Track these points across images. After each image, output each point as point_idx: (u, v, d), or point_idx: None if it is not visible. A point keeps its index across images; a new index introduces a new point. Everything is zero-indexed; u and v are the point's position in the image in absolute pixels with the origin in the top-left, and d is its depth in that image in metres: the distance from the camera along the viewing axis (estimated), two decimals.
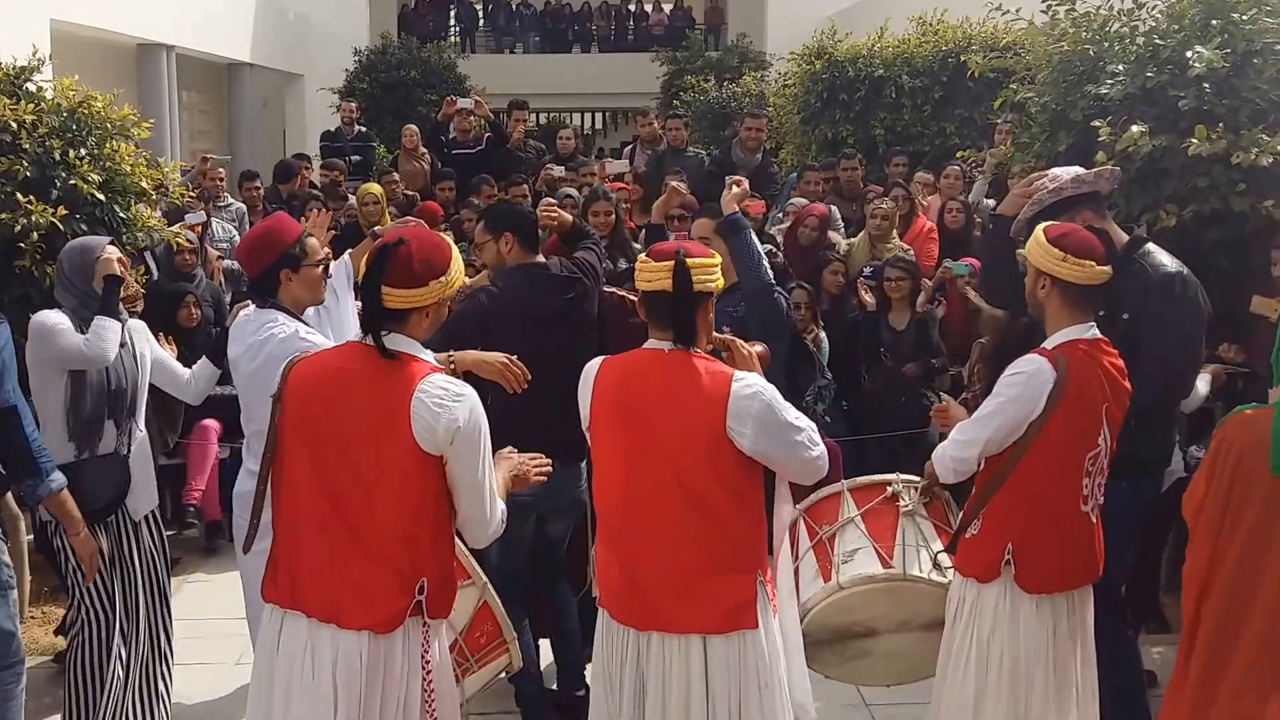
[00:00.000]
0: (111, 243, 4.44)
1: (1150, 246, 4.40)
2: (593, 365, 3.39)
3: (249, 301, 4.29)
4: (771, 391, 3.18)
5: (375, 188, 8.80)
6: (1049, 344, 3.59)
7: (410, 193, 9.63)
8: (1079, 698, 3.61)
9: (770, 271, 4.91)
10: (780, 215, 8.59)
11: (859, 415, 6.97)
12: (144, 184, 5.66)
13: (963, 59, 8.56)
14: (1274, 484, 2.99)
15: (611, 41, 27.82)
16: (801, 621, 3.66)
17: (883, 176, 9.51)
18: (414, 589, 2.96)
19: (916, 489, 3.97)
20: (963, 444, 3.57)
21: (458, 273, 3.08)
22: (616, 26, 28.18)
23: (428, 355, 3.07)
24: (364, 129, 12.59)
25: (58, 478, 3.95)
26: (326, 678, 2.92)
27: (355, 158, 11.84)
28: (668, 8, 28.12)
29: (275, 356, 3.68)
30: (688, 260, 3.21)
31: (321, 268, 4.18)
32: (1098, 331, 3.63)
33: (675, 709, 3.13)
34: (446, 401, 2.90)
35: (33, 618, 5.81)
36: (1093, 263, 3.53)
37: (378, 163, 12.28)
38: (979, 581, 3.55)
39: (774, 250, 7.06)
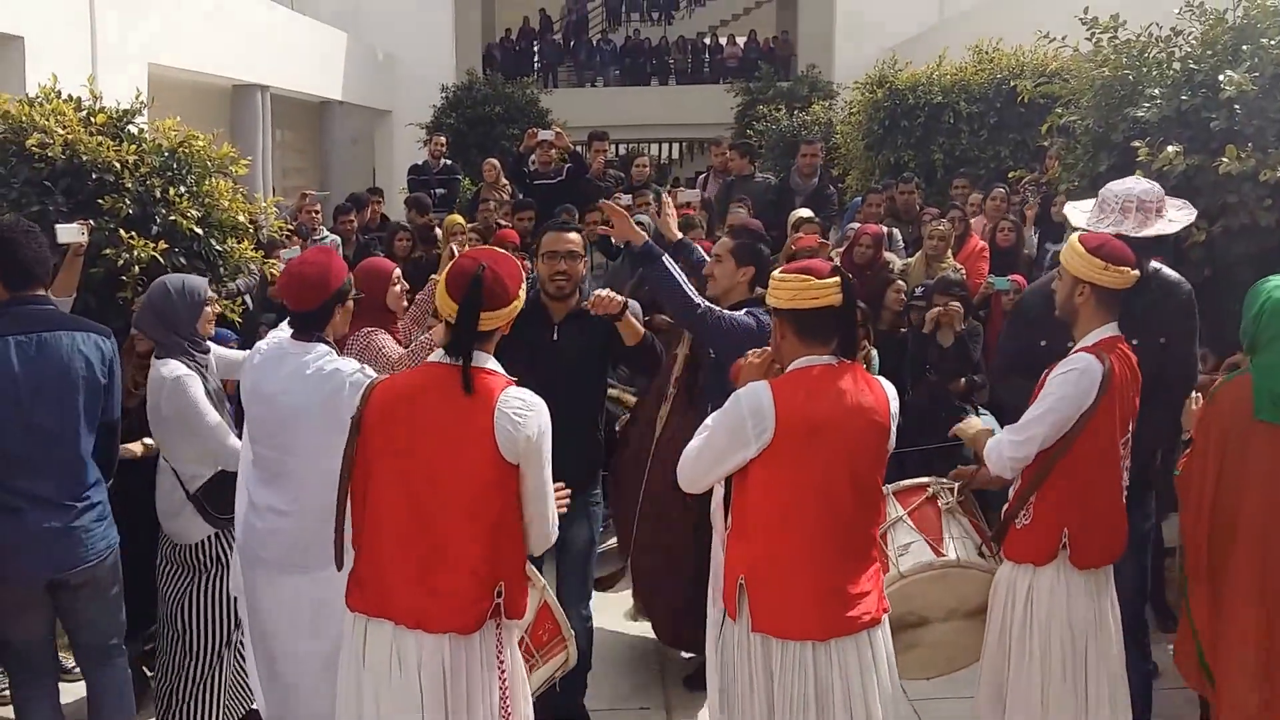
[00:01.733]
0: (212, 284, 4.72)
1: (1156, 264, 4.66)
2: (762, 391, 3.34)
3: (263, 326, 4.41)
4: None
5: (459, 219, 9.23)
6: (1088, 341, 3.90)
7: (502, 221, 10.01)
8: (1119, 661, 3.95)
9: (693, 295, 4.65)
10: (843, 237, 8.89)
11: (902, 430, 7.17)
12: (240, 218, 5.87)
13: (1014, 85, 8.80)
14: (1254, 426, 3.94)
15: (688, 74, 28.28)
16: None
17: (942, 199, 9.77)
18: (493, 592, 3.17)
19: (952, 490, 4.24)
20: (1020, 443, 3.85)
21: (523, 291, 3.37)
22: (693, 60, 28.65)
23: (500, 369, 3.30)
24: (449, 162, 13.01)
25: None
26: (414, 680, 3.13)
27: (440, 190, 12.29)
28: (741, 41, 28.54)
29: (349, 391, 3.80)
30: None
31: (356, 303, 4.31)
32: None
33: (859, 708, 3.30)
34: (525, 412, 3.15)
35: None
36: (1128, 268, 3.88)
37: (462, 195, 12.77)
38: (1035, 565, 3.85)
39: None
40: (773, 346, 3.54)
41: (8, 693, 4.45)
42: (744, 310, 4.63)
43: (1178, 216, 4.66)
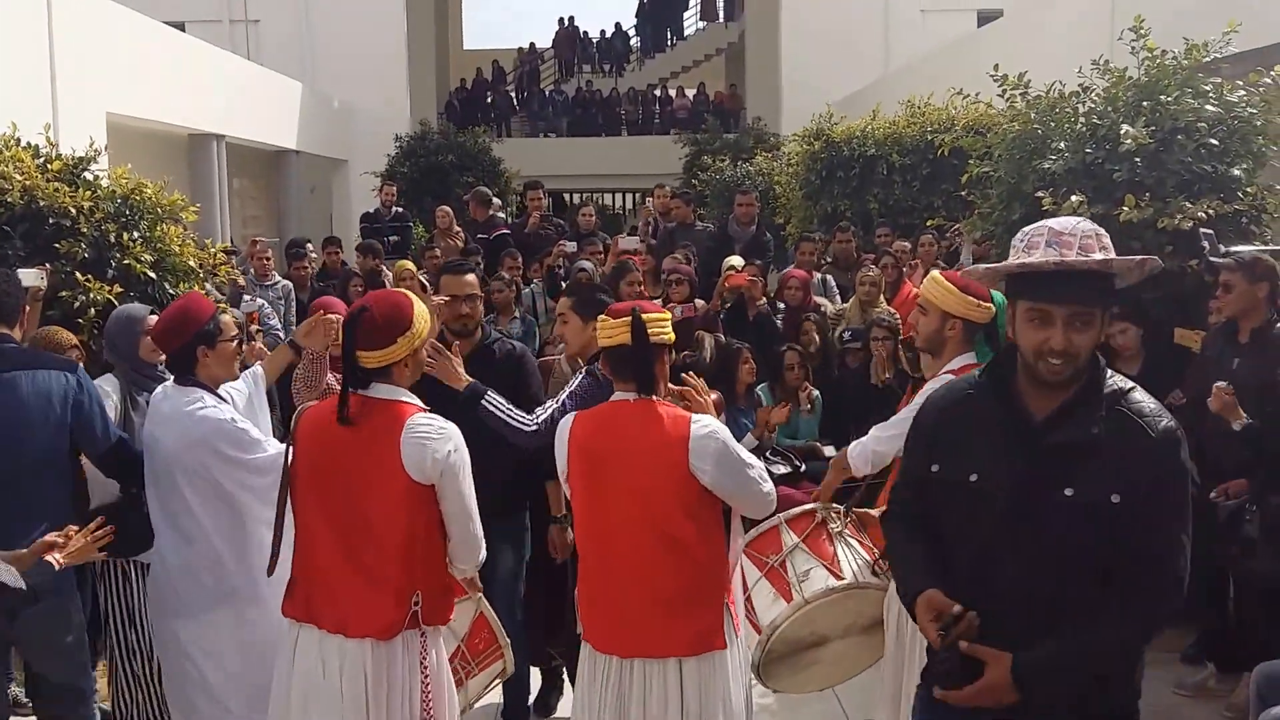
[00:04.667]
0: (152, 312, 4.74)
1: None
2: (566, 421, 3.69)
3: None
4: (725, 432, 3.57)
5: (409, 265, 9.47)
6: (952, 367, 4.16)
7: None
8: None
9: (519, 420, 4.33)
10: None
11: None
12: (192, 263, 6.07)
13: (935, 138, 9.23)
14: None
15: (638, 125, 28.76)
16: (769, 640, 4.13)
17: (874, 246, 10.16)
18: (409, 601, 3.37)
19: (839, 513, 4.45)
20: (885, 439, 4.17)
21: (423, 323, 3.53)
22: (643, 111, 29.15)
23: (412, 398, 3.51)
24: (401, 210, 13.26)
25: None
26: (335, 682, 3.35)
27: (394, 238, 12.54)
28: (690, 93, 29.10)
29: (211, 436, 3.96)
30: (643, 315, 3.61)
31: (236, 343, 4.34)
32: None
33: None
34: (433, 435, 3.36)
35: None
36: (990, 304, 4.19)
37: (415, 242, 12.99)
38: None
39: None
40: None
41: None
42: (583, 372, 4.56)
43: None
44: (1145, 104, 6.40)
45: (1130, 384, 2.76)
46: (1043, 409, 2.73)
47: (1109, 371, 2.76)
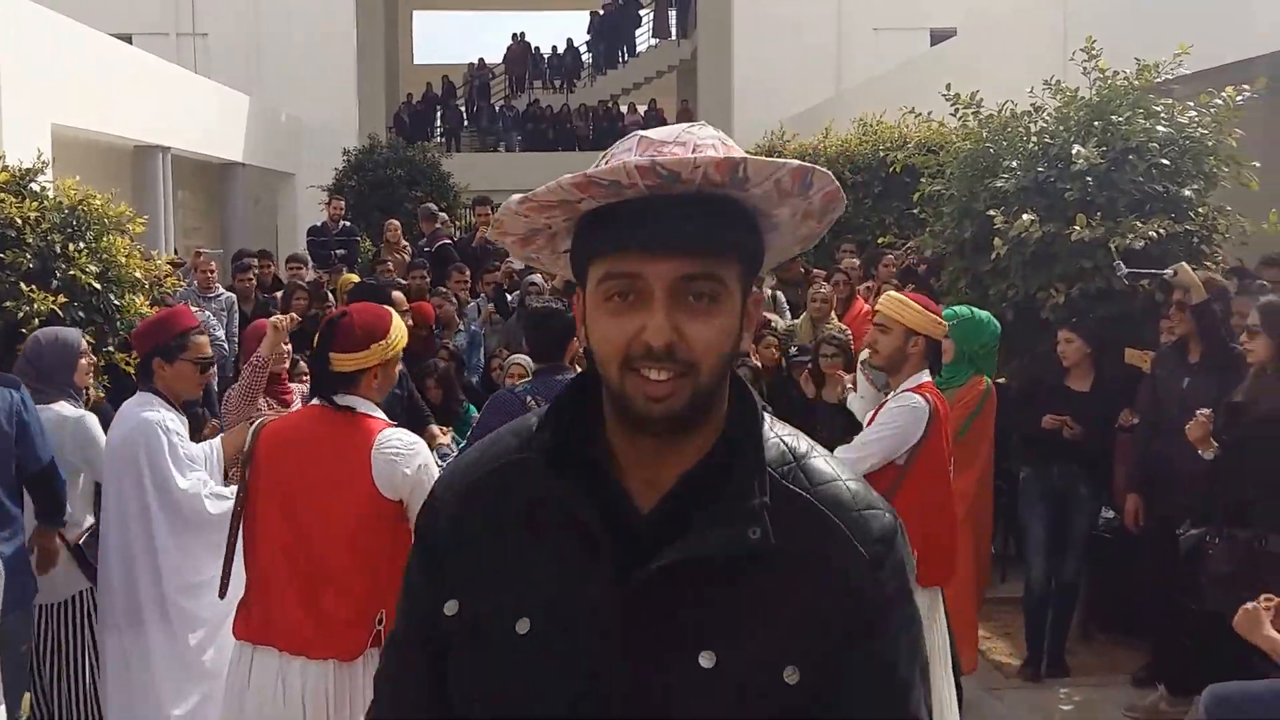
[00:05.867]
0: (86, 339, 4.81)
1: None
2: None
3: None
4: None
5: (354, 278, 9.40)
6: (911, 384, 4.23)
7: (401, 280, 10.08)
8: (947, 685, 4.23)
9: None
10: None
11: None
12: (137, 274, 6.06)
13: (888, 156, 9.29)
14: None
15: (590, 141, 28.76)
16: None
17: (829, 263, 10.17)
18: (373, 621, 3.28)
19: None
20: (855, 460, 4.12)
21: (399, 336, 3.53)
22: (595, 127, 29.15)
23: (380, 413, 3.48)
24: (348, 224, 13.16)
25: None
26: (296, 705, 3.26)
27: (340, 251, 12.44)
28: (642, 109, 29.14)
29: (143, 431, 4.11)
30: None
31: (201, 368, 4.37)
32: None
33: None
34: (403, 451, 3.33)
35: None
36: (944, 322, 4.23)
37: (362, 255, 12.88)
38: None
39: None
40: None
41: None
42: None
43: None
44: (1096, 124, 6.47)
45: (808, 443, 1.50)
46: (648, 492, 1.44)
47: (769, 417, 1.48)
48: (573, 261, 1.46)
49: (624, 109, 29.88)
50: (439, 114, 29.10)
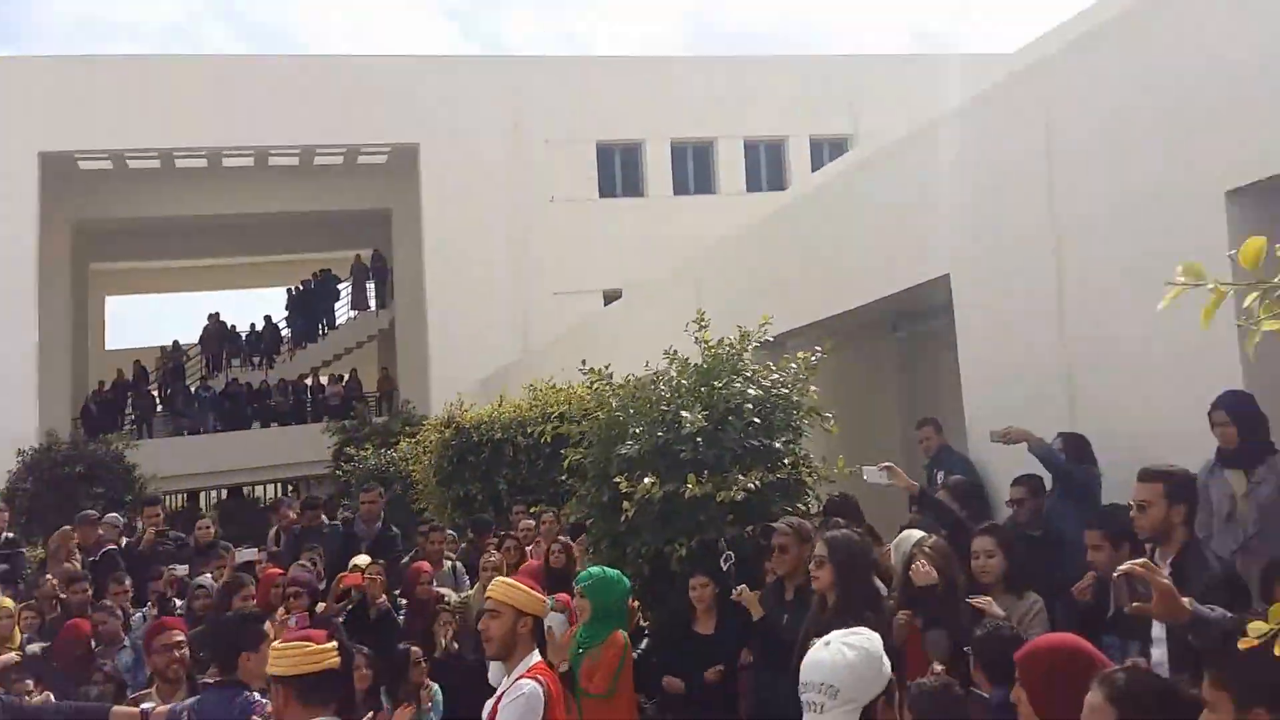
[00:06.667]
0: None
1: None
2: None
3: None
4: None
5: (8, 602, 8.80)
6: (523, 669, 4.44)
7: (62, 595, 9.57)
8: None
9: None
10: None
11: None
12: None
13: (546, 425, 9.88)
14: None
15: (291, 415, 28.65)
16: None
17: (508, 525, 10.56)
18: None
19: None
20: None
21: None
22: (294, 400, 29.11)
23: None
24: (11, 536, 12.43)
25: None
26: None
27: (3, 566, 11.78)
28: (343, 380, 29.40)
29: None
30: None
31: None
32: None
33: None
34: None
35: None
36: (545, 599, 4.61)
37: (29, 567, 12.22)
38: None
39: None
40: (275, 717, 3.84)
41: None
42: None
43: None
44: (703, 389, 7.22)
45: None
46: None
47: None
48: None
49: (325, 380, 30.05)
50: (130, 400, 28.36)
